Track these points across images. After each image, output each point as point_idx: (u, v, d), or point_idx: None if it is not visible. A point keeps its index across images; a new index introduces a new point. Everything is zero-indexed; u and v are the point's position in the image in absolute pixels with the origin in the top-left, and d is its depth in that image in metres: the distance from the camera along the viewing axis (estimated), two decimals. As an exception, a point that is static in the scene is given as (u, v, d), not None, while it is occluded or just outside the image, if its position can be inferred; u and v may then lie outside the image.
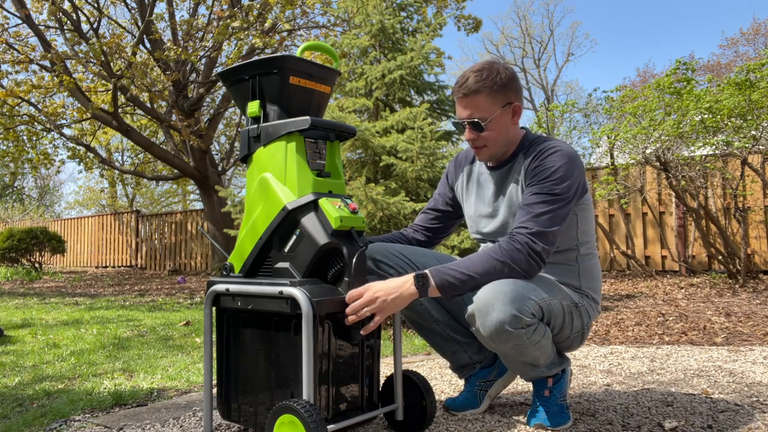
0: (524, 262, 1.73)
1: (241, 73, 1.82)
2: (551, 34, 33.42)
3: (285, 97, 1.78)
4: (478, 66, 1.91)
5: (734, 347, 3.22)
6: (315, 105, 1.85)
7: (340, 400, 1.74)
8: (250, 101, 1.81)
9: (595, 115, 8.48)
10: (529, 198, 1.82)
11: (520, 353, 1.77)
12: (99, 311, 5.86)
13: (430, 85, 5.47)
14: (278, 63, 1.75)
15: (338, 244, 1.66)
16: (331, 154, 1.84)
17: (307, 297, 1.58)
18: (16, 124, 10.73)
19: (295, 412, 1.51)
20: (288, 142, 1.73)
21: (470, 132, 1.90)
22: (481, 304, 1.70)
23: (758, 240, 6.70)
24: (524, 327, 1.69)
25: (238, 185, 25.42)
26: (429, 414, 1.85)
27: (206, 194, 11.12)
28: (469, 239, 4.23)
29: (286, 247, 1.73)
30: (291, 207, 1.70)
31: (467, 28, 11.34)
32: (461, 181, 2.12)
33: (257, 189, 1.79)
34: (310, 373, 1.57)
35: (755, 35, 23.37)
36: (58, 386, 2.75)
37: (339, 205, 1.69)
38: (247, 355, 1.80)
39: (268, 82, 1.78)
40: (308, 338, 1.57)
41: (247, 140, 1.82)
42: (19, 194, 30.91)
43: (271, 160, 1.76)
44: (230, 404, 1.84)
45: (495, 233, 1.97)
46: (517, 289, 1.70)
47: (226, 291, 1.77)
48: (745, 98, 5.07)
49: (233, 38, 9.03)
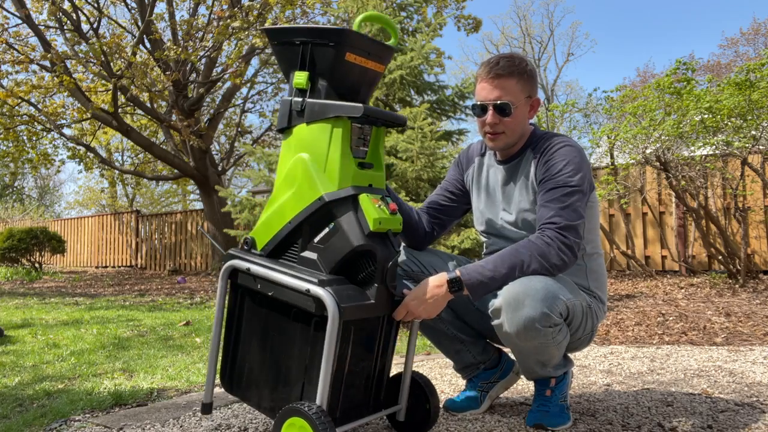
0: (555, 256, 1.72)
1: (293, 35, 1.67)
2: (551, 34, 33.42)
3: (338, 73, 1.65)
4: (507, 53, 1.94)
5: (734, 347, 3.22)
6: (367, 84, 1.74)
7: (350, 400, 1.71)
8: (298, 71, 1.67)
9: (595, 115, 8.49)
10: (548, 194, 1.80)
11: (540, 351, 1.76)
12: (99, 311, 5.86)
13: (430, 85, 5.47)
14: (336, 36, 1.61)
15: (373, 247, 1.58)
16: (375, 141, 1.73)
17: (334, 301, 1.50)
18: (16, 124, 10.72)
19: (307, 418, 1.47)
20: (334, 126, 1.61)
21: (494, 115, 1.87)
22: (511, 299, 1.67)
23: (758, 240, 6.70)
24: (552, 326, 1.69)
25: (238, 185, 25.43)
26: (432, 416, 1.83)
27: (206, 194, 11.12)
28: (469, 239, 4.23)
29: (317, 238, 1.64)
30: (328, 198, 1.60)
31: (467, 28, 11.33)
32: (472, 171, 2.11)
33: (292, 168, 1.68)
34: (327, 378, 1.51)
35: (755, 35, 23.37)
36: (58, 386, 2.75)
37: (379, 204, 1.61)
38: (259, 337, 1.74)
39: (321, 54, 1.64)
40: (330, 344, 1.50)
41: (288, 112, 1.69)
42: (19, 194, 30.91)
43: (313, 141, 1.64)
44: (234, 379, 1.80)
45: (506, 228, 1.97)
46: (548, 287, 1.68)
47: (246, 270, 1.69)
48: (745, 98, 5.07)
49: (233, 38, 9.03)
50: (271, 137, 14.52)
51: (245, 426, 2.02)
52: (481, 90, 1.89)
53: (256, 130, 15.78)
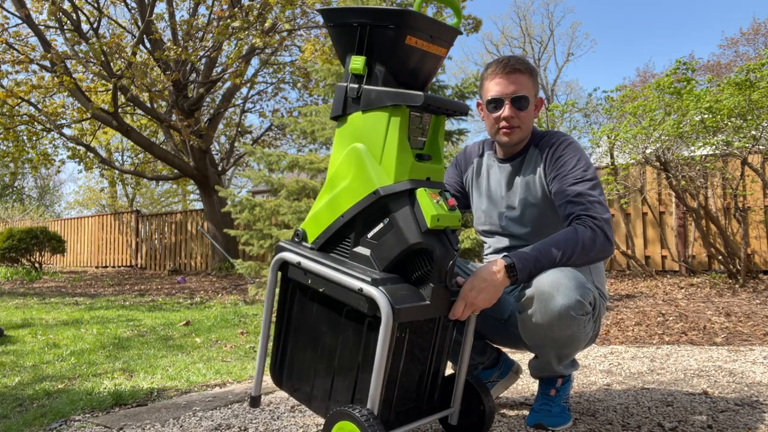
0: (600, 247, 1.73)
1: (350, 16, 1.57)
2: (551, 34, 33.41)
3: (397, 58, 1.55)
4: (514, 55, 2.00)
5: (734, 347, 3.22)
6: (428, 70, 1.63)
7: (403, 403, 1.64)
8: (355, 55, 1.58)
9: (595, 115, 8.48)
10: (572, 188, 1.81)
11: (569, 343, 1.75)
12: (99, 311, 5.86)
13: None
14: (396, 17, 1.51)
15: (430, 245, 1.50)
16: (435, 130, 1.64)
17: (388, 302, 1.43)
18: (16, 124, 10.73)
19: (357, 422, 1.42)
20: (392, 115, 1.52)
21: (511, 109, 1.89)
22: (544, 288, 1.66)
23: (758, 240, 6.70)
24: (585, 314, 1.69)
25: (238, 185, 25.45)
26: (487, 419, 1.75)
27: (206, 194, 11.12)
28: (469, 239, 4.22)
29: (371, 233, 1.57)
30: (384, 192, 1.52)
31: (467, 28, 11.33)
32: (471, 173, 2.12)
33: (346, 159, 1.60)
34: (379, 381, 1.46)
35: (755, 35, 23.37)
36: (58, 386, 2.75)
37: (437, 200, 1.52)
38: (310, 332, 1.68)
39: (380, 37, 1.54)
40: (384, 346, 1.44)
41: (344, 98, 1.61)
42: (19, 194, 30.91)
43: (368, 130, 1.56)
44: (283, 374, 1.75)
45: (511, 226, 1.98)
46: (578, 276, 1.68)
47: (297, 264, 1.63)
48: (745, 98, 5.07)
49: (233, 38, 9.03)
50: (271, 137, 14.51)
51: (245, 426, 2.02)
52: (495, 85, 1.90)
53: (256, 130, 15.77)
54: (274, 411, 2.20)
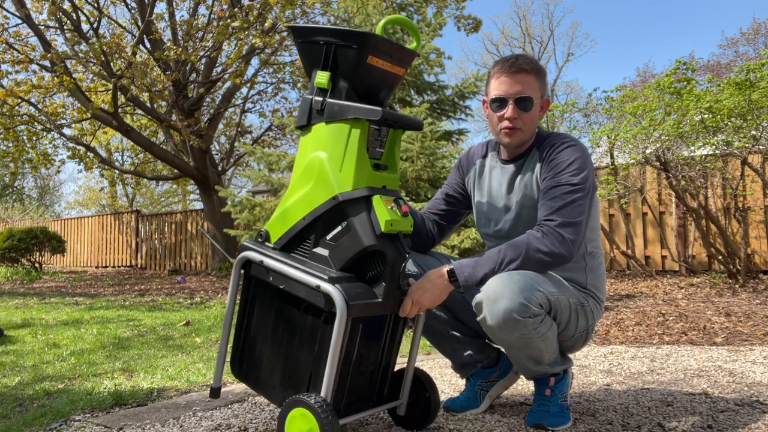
0: (548, 251, 1.73)
1: (318, 35, 1.71)
2: (551, 34, 33.42)
3: (359, 75, 1.68)
4: (522, 53, 1.98)
5: (734, 347, 3.22)
6: (387, 87, 1.77)
7: (354, 393, 1.75)
8: (320, 70, 1.71)
9: (595, 115, 8.47)
10: (550, 192, 1.82)
11: (526, 345, 1.76)
12: (99, 311, 5.86)
13: (430, 85, 5.47)
14: (359, 39, 1.65)
15: (383, 247, 1.62)
16: (391, 143, 1.77)
17: (343, 298, 1.55)
18: (16, 124, 10.73)
19: (310, 408, 1.52)
20: (353, 127, 1.65)
21: (514, 109, 1.87)
22: (490, 292, 1.70)
23: (758, 240, 6.70)
24: (531, 316, 1.69)
25: (238, 185, 25.44)
26: (432, 411, 1.86)
27: (206, 194, 11.12)
28: (469, 239, 4.22)
29: (329, 236, 1.69)
30: (342, 198, 1.64)
31: (467, 28, 11.33)
32: (473, 174, 2.11)
33: (309, 166, 1.72)
34: (333, 372, 1.56)
35: (755, 35, 23.37)
36: (58, 386, 2.75)
37: (391, 206, 1.65)
38: (270, 327, 1.79)
39: (344, 56, 1.67)
40: (338, 339, 1.55)
41: (309, 110, 1.73)
42: (19, 194, 30.91)
43: (330, 140, 1.68)
44: (243, 365, 1.85)
45: (509, 228, 1.98)
46: (527, 280, 1.70)
47: (260, 263, 1.75)
48: (745, 98, 5.07)
49: (233, 38, 9.03)
50: (271, 137, 14.51)
51: (245, 426, 2.02)
52: (500, 84, 1.88)
53: (256, 130, 15.77)
54: (274, 411, 2.21)
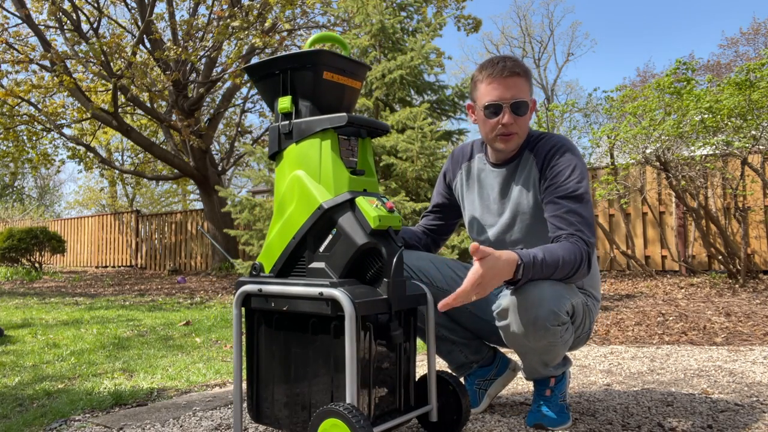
0: (584, 269, 1.73)
1: (271, 67, 1.76)
2: (551, 34, 33.44)
3: (318, 92, 1.73)
4: (507, 55, 1.94)
5: (734, 347, 3.22)
6: (347, 101, 1.81)
7: (380, 402, 1.71)
8: (281, 96, 1.75)
9: (595, 115, 8.49)
10: (564, 202, 1.79)
11: (548, 351, 1.76)
12: (99, 311, 5.86)
13: (430, 85, 5.47)
14: (312, 58, 1.70)
15: (377, 243, 1.62)
16: (363, 151, 1.79)
17: (349, 298, 1.53)
18: (16, 124, 10.73)
19: (340, 416, 1.47)
20: (323, 139, 1.68)
21: (510, 115, 1.84)
22: (520, 299, 1.67)
23: (758, 240, 6.70)
24: (560, 324, 1.69)
25: (238, 185, 25.45)
26: (464, 414, 1.81)
27: (206, 194, 11.12)
28: (469, 239, 4.22)
29: (322, 247, 1.68)
30: (327, 206, 1.65)
31: (467, 28, 11.34)
32: (460, 179, 2.08)
33: (289, 187, 1.73)
34: (354, 376, 1.52)
35: (755, 35, 23.36)
36: (58, 386, 2.75)
37: (376, 204, 1.65)
38: (282, 357, 1.74)
39: (301, 78, 1.72)
40: (351, 340, 1.52)
41: (278, 137, 1.77)
42: (19, 194, 30.92)
43: (304, 157, 1.71)
44: (262, 407, 1.79)
45: (502, 232, 1.96)
46: (555, 288, 1.68)
47: (258, 291, 1.71)
48: (745, 98, 5.07)
49: (233, 38, 9.03)
50: (271, 137, 14.49)
51: (245, 426, 2.02)
52: (492, 90, 1.84)
53: (256, 130, 15.79)
54: (274, 411, 2.20)
